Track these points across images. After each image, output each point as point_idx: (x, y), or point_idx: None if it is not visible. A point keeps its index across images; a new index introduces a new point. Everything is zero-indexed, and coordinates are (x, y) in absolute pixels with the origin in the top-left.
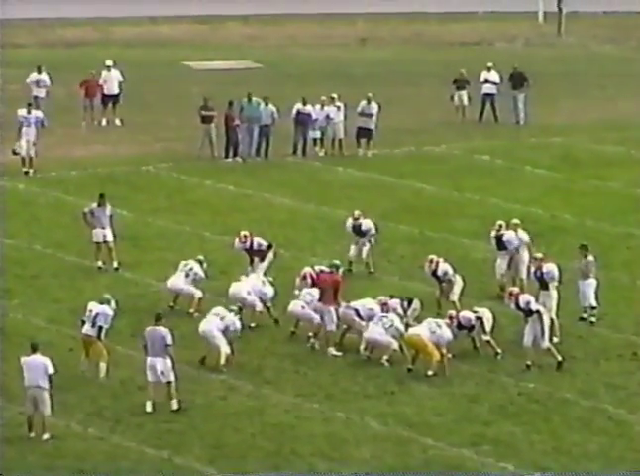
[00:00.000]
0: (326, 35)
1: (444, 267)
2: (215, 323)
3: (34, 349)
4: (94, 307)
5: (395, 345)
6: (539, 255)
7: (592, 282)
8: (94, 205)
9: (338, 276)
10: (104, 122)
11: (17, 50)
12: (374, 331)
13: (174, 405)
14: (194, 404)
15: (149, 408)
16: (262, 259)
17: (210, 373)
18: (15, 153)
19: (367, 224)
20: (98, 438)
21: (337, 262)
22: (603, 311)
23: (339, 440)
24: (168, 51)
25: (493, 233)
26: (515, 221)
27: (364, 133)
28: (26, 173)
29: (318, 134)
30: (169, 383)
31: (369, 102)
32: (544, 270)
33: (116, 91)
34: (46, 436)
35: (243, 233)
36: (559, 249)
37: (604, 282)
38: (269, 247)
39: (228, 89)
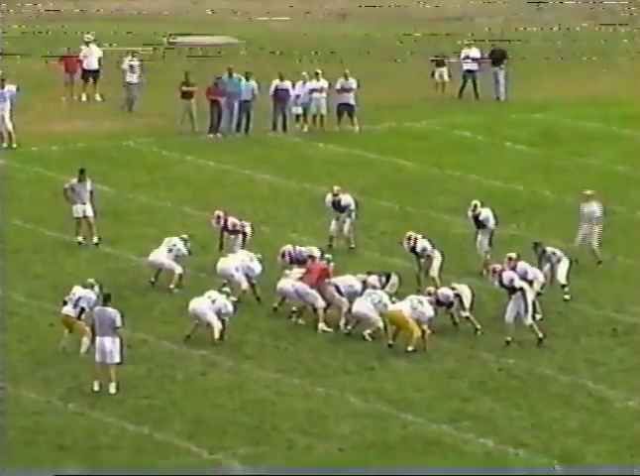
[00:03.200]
0: (307, 10)
1: (422, 243)
2: (207, 303)
3: None
4: (78, 291)
5: (381, 323)
6: (513, 255)
7: (565, 260)
8: (74, 181)
9: (328, 268)
10: (84, 97)
11: None
12: (363, 306)
13: (112, 388)
14: (174, 379)
15: (96, 387)
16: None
17: (190, 348)
18: None
19: (346, 199)
20: (78, 414)
21: (329, 256)
22: (583, 288)
23: (319, 416)
24: (149, 25)
25: (470, 213)
26: (588, 192)
27: (345, 108)
28: (7, 148)
29: (300, 110)
30: (114, 364)
31: (346, 78)
32: (518, 270)
33: (96, 66)
34: None
35: (217, 213)
36: (539, 225)
37: (584, 258)
38: (243, 227)
39: (209, 65)
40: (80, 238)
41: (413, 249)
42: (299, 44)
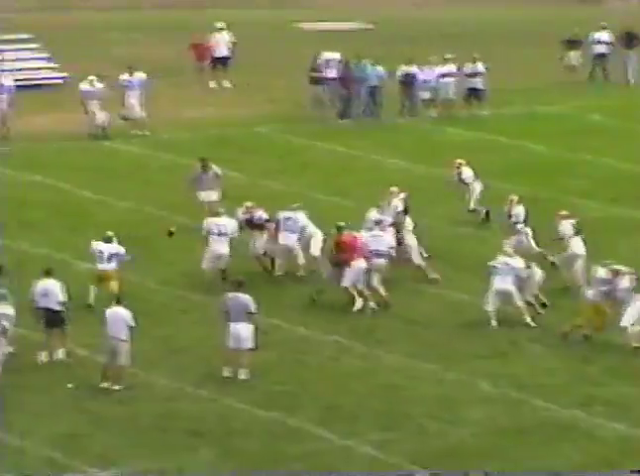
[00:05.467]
0: None
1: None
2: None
3: (117, 301)
4: (104, 247)
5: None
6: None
7: None
8: (198, 169)
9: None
10: (214, 84)
11: (132, 11)
12: (506, 282)
13: (243, 375)
14: (306, 365)
15: (227, 373)
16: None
17: (323, 334)
18: (124, 118)
19: (466, 172)
20: (211, 400)
21: (341, 223)
22: None
23: (450, 401)
24: (280, 12)
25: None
26: None
27: (474, 93)
28: (138, 135)
29: (428, 95)
30: (247, 350)
31: (474, 62)
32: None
33: (226, 53)
34: (117, 387)
35: (247, 204)
36: None
37: None
38: (268, 221)
39: (339, 50)
40: None
41: None
42: (429, 29)
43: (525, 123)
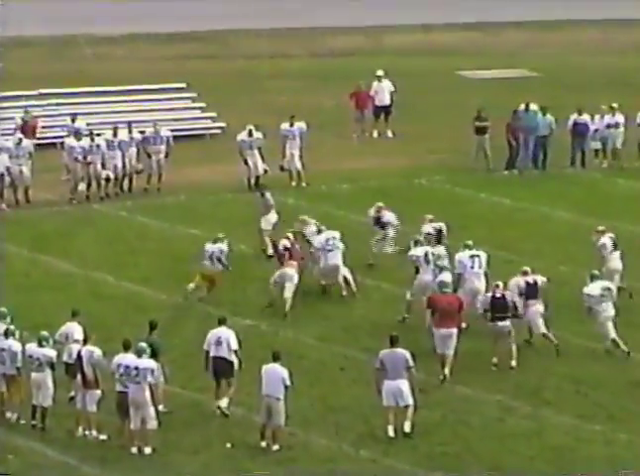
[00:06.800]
0: (605, 41)
1: None
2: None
3: (275, 358)
4: (209, 247)
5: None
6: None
7: None
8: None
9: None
10: (375, 134)
11: (287, 60)
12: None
13: (407, 427)
14: (470, 425)
15: (391, 432)
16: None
17: (486, 393)
18: (283, 169)
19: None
20: (371, 460)
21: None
22: None
23: (620, 462)
24: (442, 59)
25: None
26: None
27: None
28: (296, 186)
29: (599, 145)
30: (407, 406)
31: None
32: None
33: (387, 102)
34: (276, 447)
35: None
36: None
37: None
38: None
39: (503, 99)
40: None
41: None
42: (597, 76)
43: None
